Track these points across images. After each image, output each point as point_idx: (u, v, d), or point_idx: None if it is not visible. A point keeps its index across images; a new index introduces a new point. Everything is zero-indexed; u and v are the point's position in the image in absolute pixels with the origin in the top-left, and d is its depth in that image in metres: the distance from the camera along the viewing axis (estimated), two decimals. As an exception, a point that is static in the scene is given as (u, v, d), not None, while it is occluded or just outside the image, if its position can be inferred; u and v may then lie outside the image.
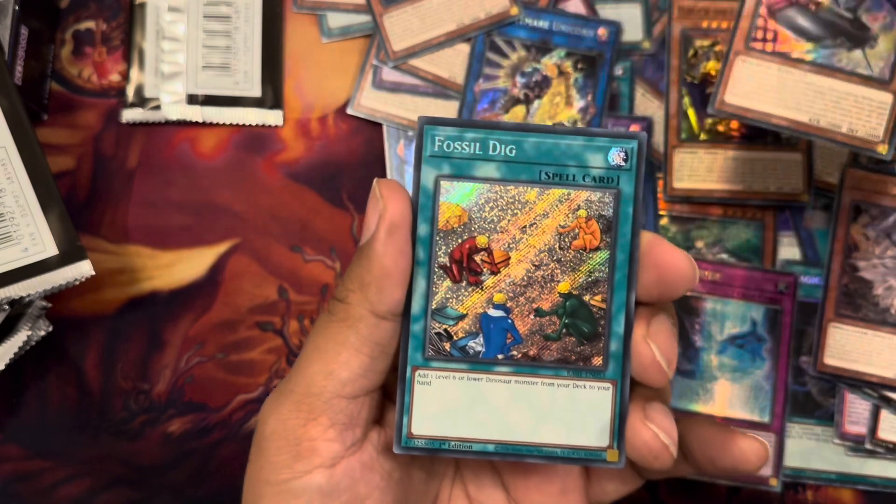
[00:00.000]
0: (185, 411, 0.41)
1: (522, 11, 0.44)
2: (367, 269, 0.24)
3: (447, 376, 0.25)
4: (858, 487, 0.40)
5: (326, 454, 0.25)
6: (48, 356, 0.41)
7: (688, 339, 0.41)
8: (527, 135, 0.25)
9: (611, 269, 0.25)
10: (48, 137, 0.43)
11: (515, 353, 0.25)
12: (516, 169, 0.25)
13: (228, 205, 0.43)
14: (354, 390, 0.25)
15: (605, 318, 0.25)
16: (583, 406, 0.25)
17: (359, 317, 0.25)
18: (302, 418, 0.25)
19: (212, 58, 0.44)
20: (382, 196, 0.24)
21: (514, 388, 0.25)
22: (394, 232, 0.24)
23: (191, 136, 0.43)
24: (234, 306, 0.42)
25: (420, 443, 0.25)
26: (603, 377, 0.25)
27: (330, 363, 0.25)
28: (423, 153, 0.25)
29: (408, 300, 0.25)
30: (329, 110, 0.44)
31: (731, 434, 0.27)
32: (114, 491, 0.40)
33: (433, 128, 0.25)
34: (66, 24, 0.44)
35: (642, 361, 0.25)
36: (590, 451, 0.25)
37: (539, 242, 0.25)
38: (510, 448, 0.25)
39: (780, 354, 0.41)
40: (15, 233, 0.36)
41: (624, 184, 0.25)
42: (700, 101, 0.43)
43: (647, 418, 0.25)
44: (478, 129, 0.25)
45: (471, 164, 0.25)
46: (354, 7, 0.44)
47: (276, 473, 0.25)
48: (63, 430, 0.41)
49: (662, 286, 0.25)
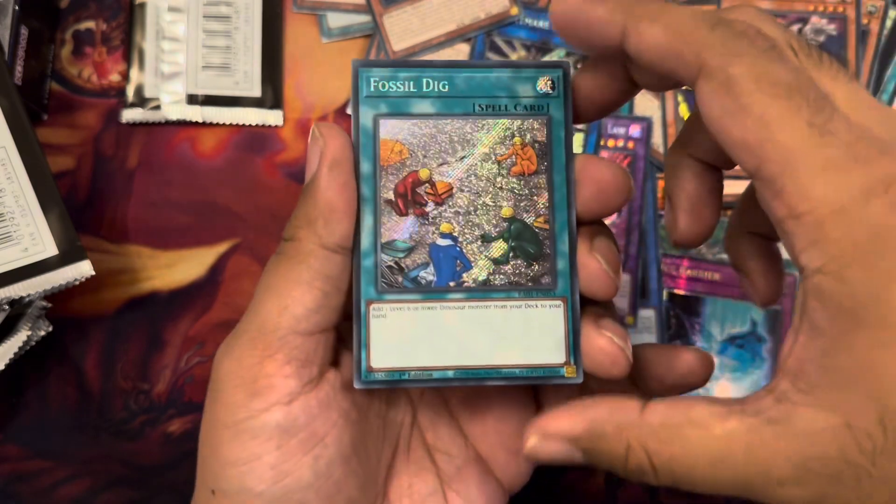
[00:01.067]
0: (185, 411, 0.41)
1: (522, 11, 0.44)
2: (313, 204, 0.25)
3: (401, 308, 0.26)
4: (858, 487, 0.40)
5: (283, 390, 0.25)
6: (48, 356, 0.41)
7: (688, 339, 0.41)
8: (458, 70, 0.26)
9: (550, 192, 0.26)
10: (48, 137, 0.43)
11: (466, 280, 0.26)
12: (450, 103, 0.26)
13: (228, 205, 0.43)
14: (309, 326, 0.25)
15: (550, 238, 0.26)
16: (537, 325, 0.26)
17: (308, 251, 0.25)
18: (257, 356, 0.25)
19: (212, 58, 0.44)
20: (322, 135, 0.25)
21: (469, 313, 0.26)
22: (335, 167, 0.25)
23: (191, 136, 0.43)
24: (234, 306, 0.42)
25: (380, 375, 0.26)
26: (553, 295, 0.26)
27: (283, 299, 0.25)
28: (360, 94, 0.26)
29: (357, 237, 0.26)
30: (329, 110, 0.44)
31: (674, 350, 0.28)
32: (114, 491, 0.40)
33: (367, 70, 0.26)
34: (66, 24, 0.44)
35: (589, 273, 0.26)
36: (547, 368, 0.26)
37: (479, 171, 0.26)
38: (469, 373, 0.26)
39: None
40: (15, 233, 0.36)
41: (554, 110, 0.26)
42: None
43: (601, 327, 0.26)
44: (410, 68, 0.26)
45: (406, 101, 0.26)
46: (354, 7, 0.44)
47: (232, 414, 0.25)
48: (63, 430, 0.41)
49: (601, 199, 0.26)
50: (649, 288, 0.41)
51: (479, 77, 0.26)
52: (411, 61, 0.26)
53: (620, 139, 0.43)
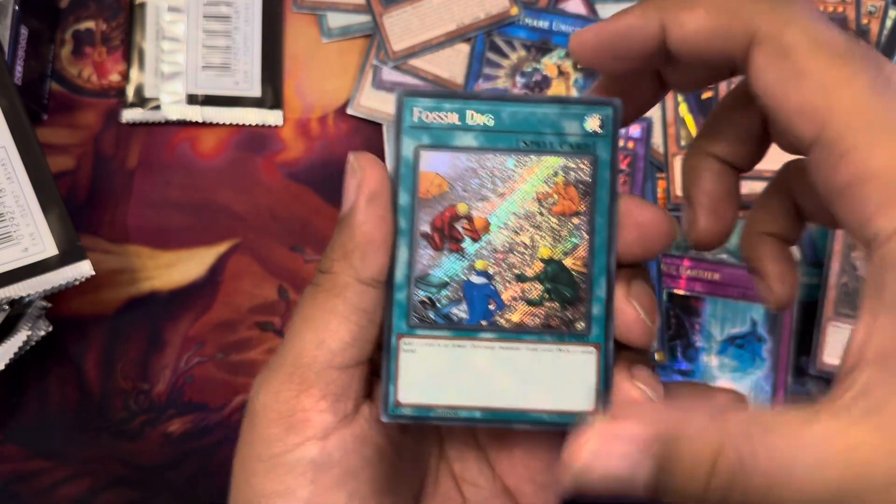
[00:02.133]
0: (185, 411, 0.41)
1: (522, 11, 0.44)
2: (350, 237, 0.25)
3: (432, 344, 0.26)
4: (858, 487, 0.40)
5: (319, 425, 0.25)
6: (48, 356, 0.41)
7: (688, 339, 0.41)
8: (504, 104, 0.26)
9: (590, 234, 0.26)
10: (48, 137, 0.43)
11: (499, 320, 0.26)
12: (494, 138, 0.26)
13: (228, 205, 0.43)
14: (345, 360, 0.25)
15: (587, 282, 0.26)
16: (567, 370, 0.26)
17: (345, 284, 0.25)
18: (294, 390, 0.25)
19: (212, 58, 0.44)
20: (360, 167, 0.25)
21: (499, 354, 0.26)
22: (374, 200, 0.25)
23: (191, 136, 0.43)
24: (234, 306, 0.42)
25: (407, 411, 0.26)
26: (586, 341, 0.26)
27: (320, 332, 0.25)
28: (403, 124, 0.26)
29: (391, 269, 0.25)
30: (329, 110, 0.44)
31: (708, 391, 0.27)
32: (114, 491, 0.40)
33: (412, 99, 0.26)
34: (66, 24, 0.44)
35: (626, 320, 0.25)
36: (576, 415, 0.26)
37: (519, 209, 0.26)
38: (497, 415, 0.26)
39: (780, 354, 0.41)
40: (15, 233, 0.36)
41: (600, 150, 0.26)
42: (697, 106, 0.43)
43: (634, 377, 0.25)
44: (455, 99, 0.26)
45: (450, 133, 0.26)
46: (354, 7, 0.44)
47: (267, 448, 0.25)
48: (63, 430, 0.41)
49: (644, 244, 0.25)
50: (649, 288, 0.41)
51: (525, 112, 0.25)
52: (458, 92, 0.26)
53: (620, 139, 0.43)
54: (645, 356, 0.27)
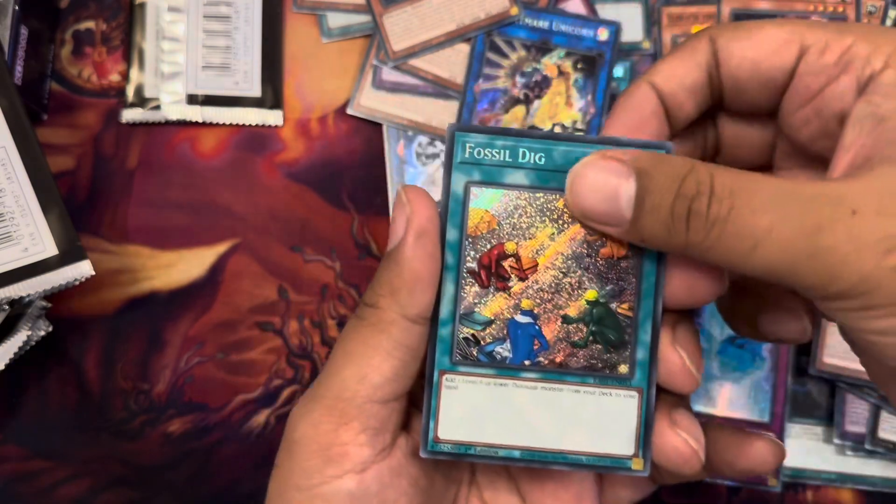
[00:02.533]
0: (185, 411, 0.41)
1: (522, 11, 0.44)
2: (397, 273, 0.25)
3: (474, 381, 0.26)
4: (858, 487, 0.40)
5: (357, 459, 0.25)
6: (48, 356, 0.41)
7: (688, 339, 0.41)
8: (556, 143, 0.25)
9: (638, 278, 0.25)
10: (48, 137, 0.43)
11: (542, 360, 0.26)
12: (545, 176, 0.25)
13: (228, 205, 0.43)
14: (386, 395, 0.25)
15: (632, 327, 0.25)
16: (609, 414, 0.26)
17: (390, 321, 0.25)
18: (333, 423, 0.25)
19: (212, 58, 0.44)
20: (409, 201, 0.25)
21: (541, 394, 0.26)
22: (422, 236, 0.25)
23: (191, 136, 0.43)
24: (234, 306, 0.42)
25: (446, 447, 0.26)
26: (629, 385, 0.26)
27: (363, 367, 0.25)
28: (454, 159, 0.25)
29: (436, 305, 0.25)
30: (329, 110, 0.44)
31: (746, 437, 0.27)
32: (114, 491, 0.40)
33: (464, 135, 0.25)
34: (66, 24, 0.44)
35: (671, 368, 0.25)
36: (615, 458, 0.26)
37: (567, 249, 0.25)
38: (536, 455, 0.26)
39: (780, 354, 0.41)
40: (15, 233, 0.36)
41: None
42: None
43: (675, 424, 0.25)
44: (508, 136, 0.25)
45: (500, 170, 0.25)
46: (354, 7, 0.44)
47: (306, 478, 0.25)
48: (63, 430, 0.41)
49: (692, 293, 0.25)
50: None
51: (578, 151, 0.25)
52: (510, 130, 0.25)
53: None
54: (686, 401, 0.27)
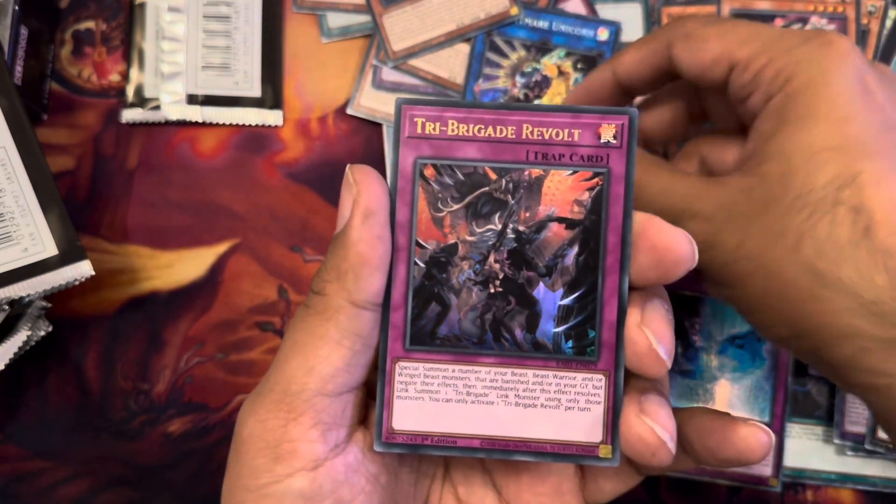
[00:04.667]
0: (185, 411, 0.41)
1: (522, 11, 0.44)
2: (343, 257, 0.23)
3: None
4: (858, 487, 0.40)
5: (308, 456, 0.24)
6: (48, 356, 0.41)
7: (688, 339, 0.41)
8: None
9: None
10: (48, 137, 0.43)
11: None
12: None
13: (228, 205, 0.43)
14: (337, 387, 0.24)
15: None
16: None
17: (337, 308, 0.23)
18: (282, 418, 0.24)
19: (212, 58, 0.44)
20: (357, 181, 0.24)
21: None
22: (369, 218, 0.23)
23: (191, 136, 0.43)
24: (233, 306, 0.42)
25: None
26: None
27: (310, 358, 0.24)
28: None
29: (388, 289, 0.24)
30: (329, 110, 0.44)
31: (731, 422, 0.25)
32: (114, 491, 0.40)
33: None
34: (66, 24, 0.44)
35: (637, 350, 0.24)
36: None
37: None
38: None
39: (780, 354, 0.41)
40: (15, 233, 0.36)
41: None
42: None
43: (643, 412, 0.24)
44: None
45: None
46: (354, 7, 0.44)
47: (254, 478, 0.24)
48: (63, 430, 0.41)
49: (660, 269, 0.23)
50: (649, 288, 0.41)
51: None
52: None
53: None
54: (658, 386, 0.25)
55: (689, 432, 0.26)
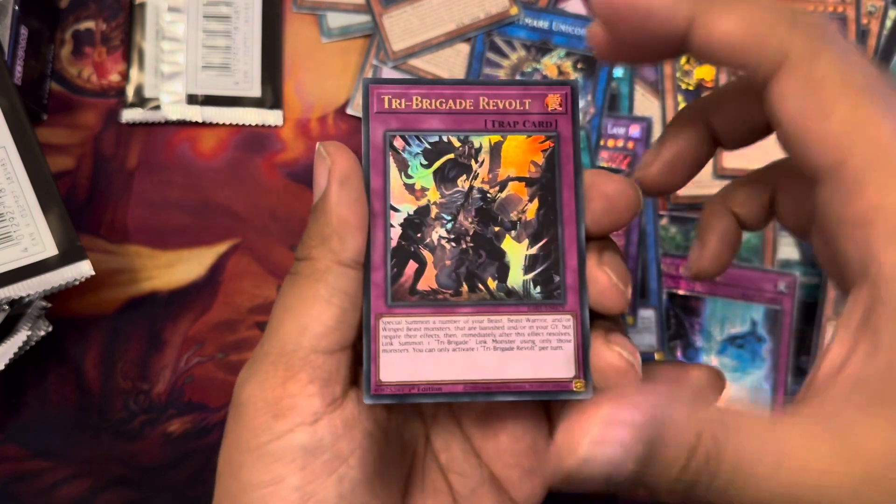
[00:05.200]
0: (185, 411, 0.41)
1: (522, 11, 0.44)
2: (325, 222, 0.25)
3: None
4: (858, 487, 0.40)
5: (308, 410, 0.24)
6: (48, 356, 0.41)
7: (688, 338, 0.41)
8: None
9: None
10: (48, 137, 0.43)
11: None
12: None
13: (228, 205, 0.43)
14: (330, 344, 0.25)
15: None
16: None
17: (325, 269, 0.25)
18: (280, 377, 0.25)
19: (212, 58, 0.44)
20: (329, 153, 0.26)
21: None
22: (345, 183, 0.25)
23: (191, 136, 0.43)
24: (234, 306, 0.42)
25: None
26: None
27: (302, 319, 0.25)
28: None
29: (367, 251, 0.26)
30: (329, 110, 0.44)
31: (683, 366, 0.27)
32: (114, 491, 0.40)
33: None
34: (66, 24, 0.44)
35: (599, 287, 0.26)
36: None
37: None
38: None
39: (780, 354, 0.41)
40: (15, 233, 0.36)
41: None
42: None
43: (610, 342, 0.26)
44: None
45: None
46: (354, 7, 0.44)
47: (255, 437, 0.24)
48: (63, 430, 0.41)
49: (612, 214, 0.26)
50: (649, 288, 0.41)
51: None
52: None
53: (620, 139, 0.43)
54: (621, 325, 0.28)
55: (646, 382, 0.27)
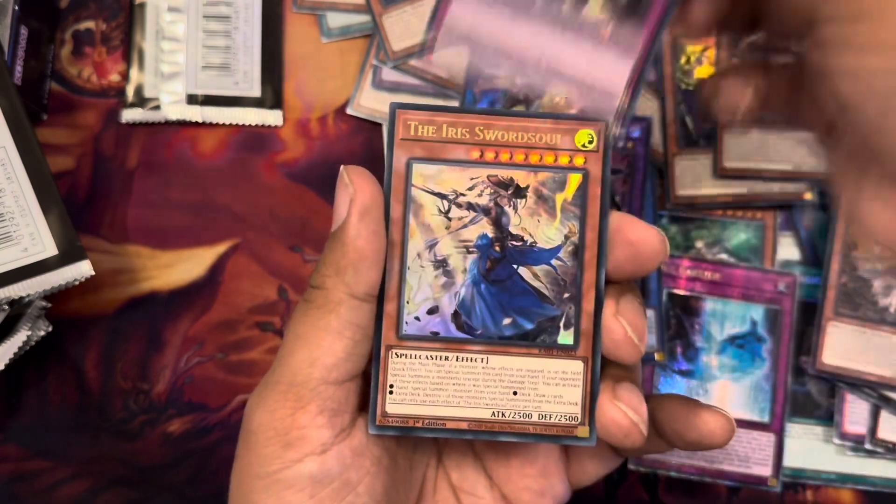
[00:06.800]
0: (184, 411, 0.41)
1: (522, 11, 0.44)
2: (342, 253, 0.25)
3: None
4: (858, 487, 0.40)
5: (317, 441, 0.25)
6: (48, 356, 0.41)
7: (688, 339, 0.41)
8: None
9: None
10: (48, 137, 0.43)
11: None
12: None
13: (228, 205, 0.43)
14: (340, 375, 0.25)
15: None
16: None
17: (338, 301, 0.25)
18: (289, 408, 0.25)
19: (211, 58, 0.44)
20: (352, 181, 0.25)
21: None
22: (366, 215, 0.25)
23: (191, 136, 0.43)
24: (233, 306, 0.42)
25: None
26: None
27: (314, 350, 0.25)
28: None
29: (382, 281, 0.26)
30: (329, 110, 0.44)
31: (695, 407, 0.27)
32: (114, 491, 0.40)
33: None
34: (66, 24, 0.44)
35: (614, 338, 0.25)
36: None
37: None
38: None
39: (780, 354, 0.41)
40: (15, 233, 0.36)
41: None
42: (697, 107, 0.43)
43: (617, 397, 0.25)
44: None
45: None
46: (354, 7, 0.44)
47: (265, 465, 0.25)
48: (63, 430, 0.41)
49: (636, 262, 0.26)
50: (649, 288, 0.41)
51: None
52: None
53: (620, 139, 0.43)
54: (632, 372, 0.27)
55: (659, 416, 0.27)
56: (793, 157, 0.42)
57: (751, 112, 0.28)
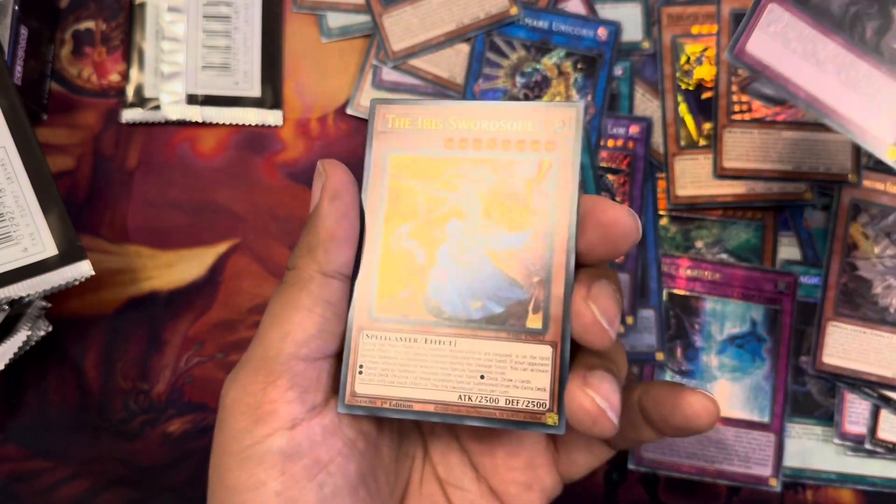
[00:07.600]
0: (184, 411, 0.41)
1: (522, 11, 0.44)
2: (314, 233, 0.26)
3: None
4: (858, 487, 0.40)
5: (287, 416, 0.25)
6: (48, 356, 0.41)
7: (688, 339, 0.41)
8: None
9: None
10: (48, 137, 0.43)
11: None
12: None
13: (228, 205, 0.43)
14: (310, 351, 0.25)
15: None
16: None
17: (308, 278, 0.26)
18: (260, 382, 0.25)
19: (211, 58, 0.44)
20: (325, 170, 0.27)
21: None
22: (336, 198, 0.26)
23: (191, 136, 0.43)
24: (233, 306, 0.42)
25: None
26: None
27: (284, 325, 0.25)
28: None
29: (356, 265, 0.26)
30: (329, 110, 0.44)
31: (680, 390, 0.26)
32: (114, 491, 0.40)
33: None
34: (65, 24, 0.44)
35: (583, 322, 0.25)
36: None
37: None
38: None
39: (780, 354, 0.41)
40: (15, 233, 0.36)
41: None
42: (696, 107, 0.43)
43: (586, 384, 0.25)
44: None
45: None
46: (354, 7, 0.44)
47: (237, 441, 0.25)
48: (63, 430, 0.41)
49: (608, 244, 0.25)
50: (649, 288, 0.41)
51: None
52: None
53: (620, 139, 0.43)
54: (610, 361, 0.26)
55: (646, 403, 0.27)
56: (793, 157, 0.42)
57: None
